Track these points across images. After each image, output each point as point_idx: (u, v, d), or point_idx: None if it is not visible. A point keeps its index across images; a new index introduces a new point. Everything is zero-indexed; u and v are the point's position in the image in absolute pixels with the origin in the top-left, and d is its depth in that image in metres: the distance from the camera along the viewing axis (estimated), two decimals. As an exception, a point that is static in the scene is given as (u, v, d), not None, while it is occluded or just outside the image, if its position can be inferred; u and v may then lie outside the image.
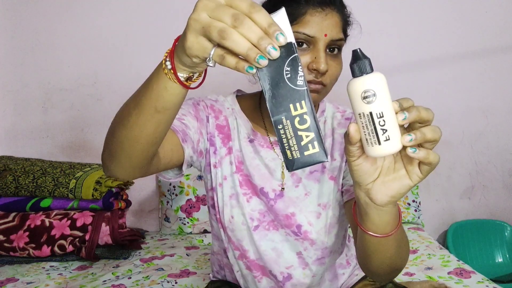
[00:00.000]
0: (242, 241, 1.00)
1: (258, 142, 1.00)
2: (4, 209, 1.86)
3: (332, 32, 0.86)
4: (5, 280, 1.62)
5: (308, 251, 1.00)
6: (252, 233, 0.99)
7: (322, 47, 0.86)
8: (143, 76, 1.89)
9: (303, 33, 0.85)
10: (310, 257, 1.00)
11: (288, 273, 1.01)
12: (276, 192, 0.99)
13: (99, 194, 1.83)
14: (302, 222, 0.98)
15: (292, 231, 0.98)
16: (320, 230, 0.98)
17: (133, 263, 1.76)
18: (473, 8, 2.17)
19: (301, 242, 0.99)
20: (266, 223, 0.99)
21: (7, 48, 2.15)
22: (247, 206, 0.98)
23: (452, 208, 2.31)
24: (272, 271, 1.01)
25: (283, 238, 1.00)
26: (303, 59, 0.86)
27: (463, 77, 2.22)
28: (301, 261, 1.01)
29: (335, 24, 0.87)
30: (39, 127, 2.19)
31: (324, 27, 0.86)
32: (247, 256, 1.01)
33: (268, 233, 0.99)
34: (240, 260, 1.03)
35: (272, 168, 0.99)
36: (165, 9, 2.13)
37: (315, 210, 0.99)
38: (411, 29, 2.18)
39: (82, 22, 2.13)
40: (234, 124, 1.01)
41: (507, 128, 2.26)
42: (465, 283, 1.49)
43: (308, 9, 0.85)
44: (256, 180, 0.98)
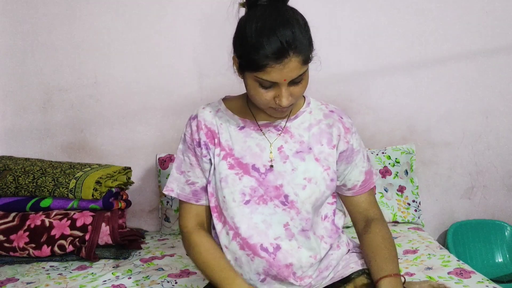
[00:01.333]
0: (235, 218, 1.11)
1: (249, 127, 1.17)
2: (4, 209, 1.86)
3: (291, 75, 0.99)
4: (5, 280, 1.62)
5: (294, 220, 1.11)
6: (244, 207, 1.11)
7: (284, 87, 1.01)
8: (143, 76, 1.93)
9: (265, 80, 1.00)
10: (296, 227, 1.12)
11: (277, 244, 1.11)
12: (266, 167, 1.13)
13: (99, 194, 1.83)
14: (289, 193, 1.11)
15: (280, 201, 1.11)
16: (305, 200, 1.11)
17: (133, 263, 1.76)
18: (473, 8, 2.17)
19: (288, 212, 1.11)
20: (257, 197, 1.11)
21: (7, 48, 2.15)
22: (239, 183, 1.11)
23: (452, 208, 2.31)
24: (263, 244, 1.10)
25: (272, 211, 1.11)
26: (267, 95, 1.03)
27: (463, 78, 2.22)
28: (288, 233, 1.11)
29: (294, 68, 0.98)
30: (39, 127, 2.19)
31: (283, 74, 0.98)
32: (240, 233, 1.11)
33: (258, 207, 1.11)
34: (234, 240, 1.12)
35: (262, 146, 1.15)
36: (165, 10, 2.13)
37: (301, 183, 1.12)
38: (410, 29, 2.18)
39: (82, 23, 2.13)
40: (220, 121, 1.18)
41: (507, 128, 2.26)
42: (465, 283, 1.49)
43: (268, 63, 0.97)
44: (247, 160, 1.13)
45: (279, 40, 0.95)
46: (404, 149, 2.17)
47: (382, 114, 2.22)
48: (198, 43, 2.15)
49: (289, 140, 1.15)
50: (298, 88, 1.04)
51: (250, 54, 0.99)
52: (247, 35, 1.00)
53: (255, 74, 1.00)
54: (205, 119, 1.18)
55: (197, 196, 1.18)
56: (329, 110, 1.21)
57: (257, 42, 0.97)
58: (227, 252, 1.14)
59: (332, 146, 1.16)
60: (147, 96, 2.17)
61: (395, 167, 2.14)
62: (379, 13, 2.17)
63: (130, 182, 2.07)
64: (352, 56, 2.20)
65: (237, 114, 1.19)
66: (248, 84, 1.06)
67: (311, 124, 1.18)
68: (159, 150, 2.20)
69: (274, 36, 0.96)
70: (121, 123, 2.19)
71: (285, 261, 1.11)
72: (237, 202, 1.11)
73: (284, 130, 1.16)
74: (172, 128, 2.19)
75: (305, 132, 1.17)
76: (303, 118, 1.18)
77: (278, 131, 1.16)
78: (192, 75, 2.17)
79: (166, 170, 2.11)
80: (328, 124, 1.18)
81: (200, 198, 1.18)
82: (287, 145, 1.15)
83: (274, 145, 1.15)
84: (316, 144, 1.15)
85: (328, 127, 1.17)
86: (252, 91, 1.05)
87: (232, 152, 1.14)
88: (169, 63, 2.16)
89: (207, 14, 2.11)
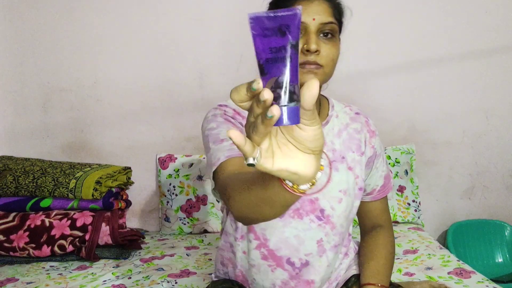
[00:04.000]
0: (266, 230, 1.05)
1: None
2: (4, 209, 1.86)
3: (320, 16, 0.96)
4: (5, 280, 1.62)
5: (328, 236, 1.07)
6: (277, 220, 1.04)
7: (313, 31, 0.96)
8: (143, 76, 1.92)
9: None
10: (329, 242, 1.07)
11: (306, 260, 1.06)
12: None
13: (99, 194, 1.83)
14: (325, 207, 1.06)
15: (316, 216, 1.05)
16: (340, 214, 1.07)
17: (133, 263, 1.76)
18: (473, 8, 2.17)
19: (323, 227, 1.05)
20: (292, 211, 1.04)
21: (7, 48, 2.15)
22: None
23: (452, 208, 2.31)
24: (291, 258, 1.06)
25: (307, 226, 1.05)
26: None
27: (463, 78, 2.21)
28: (320, 249, 1.07)
29: (323, 10, 0.97)
30: (39, 127, 2.19)
31: (311, 12, 0.95)
32: (267, 245, 1.06)
33: (292, 220, 1.05)
34: (257, 249, 1.06)
35: None
36: (165, 10, 2.13)
37: (337, 196, 1.06)
38: (411, 29, 2.18)
39: (82, 23, 2.13)
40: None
41: (507, 128, 2.25)
42: (465, 283, 1.49)
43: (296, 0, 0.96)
44: None
45: None
46: (404, 149, 2.16)
47: (383, 114, 2.22)
48: (198, 43, 2.15)
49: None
50: (328, 46, 0.97)
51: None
52: None
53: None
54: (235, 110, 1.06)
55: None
56: (355, 112, 1.16)
57: None
58: (242, 258, 1.09)
59: (361, 153, 1.12)
60: (147, 96, 2.17)
61: (395, 167, 2.14)
62: (380, 13, 2.17)
63: (130, 182, 2.07)
64: (353, 56, 2.19)
65: None
66: None
67: (340, 129, 1.12)
68: (159, 150, 2.20)
69: None
70: (121, 123, 2.19)
71: (308, 277, 1.07)
72: None
73: None
74: (172, 128, 2.19)
75: (336, 138, 1.10)
76: (333, 123, 1.12)
77: None
78: (192, 75, 2.17)
79: (166, 170, 2.11)
80: (356, 129, 1.13)
81: None
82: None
83: None
84: (348, 152, 1.10)
85: (356, 132, 1.13)
86: None
87: None
88: (169, 63, 2.16)
89: (207, 14, 2.11)
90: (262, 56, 0.51)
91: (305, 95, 0.50)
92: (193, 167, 2.11)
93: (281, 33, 0.51)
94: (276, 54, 0.51)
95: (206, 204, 2.09)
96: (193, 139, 2.20)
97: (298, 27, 0.51)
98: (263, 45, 0.51)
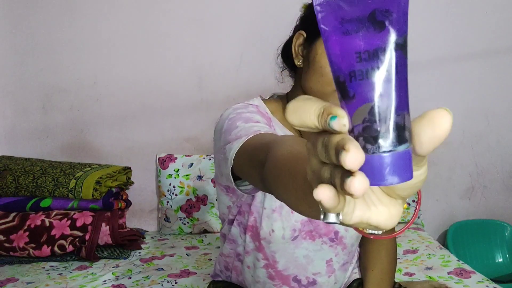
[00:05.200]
0: (276, 253, 1.00)
1: None
2: (4, 209, 1.86)
3: None
4: (5, 280, 1.62)
5: (338, 256, 1.03)
6: (290, 243, 0.99)
7: None
8: (143, 77, 1.93)
9: None
10: (338, 262, 1.04)
11: (313, 279, 1.03)
12: None
13: (99, 194, 1.83)
14: (340, 229, 1.01)
15: (329, 238, 1.01)
16: (353, 235, 1.03)
17: (133, 263, 1.76)
18: (473, 8, 2.17)
19: (334, 248, 1.02)
20: (304, 232, 1.00)
21: (7, 48, 2.15)
22: (292, 217, 0.97)
23: (452, 208, 2.31)
24: (298, 276, 1.02)
25: (318, 247, 1.01)
26: None
27: (463, 78, 2.21)
28: (329, 269, 1.04)
29: None
30: (39, 127, 2.19)
31: None
32: (275, 266, 1.01)
33: (304, 241, 1.00)
34: (264, 269, 1.02)
35: None
36: (165, 10, 2.13)
37: None
38: (411, 29, 2.15)
39: (82, 23, 2.13)
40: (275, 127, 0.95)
41: (507, 129, 2.25)
42: (465, 283, 1.49)
43: None
44: None
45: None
46: (404, 149, 2.16)
47: (382, 114, 2.22)
48: (198, 43, 2.15)
49: None
50: None
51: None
52: None
53: None
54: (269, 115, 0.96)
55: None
56: None
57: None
58: (247, 271, 1.05)
59: None
60: (147, 96, 2.17)
61: (395, 167, 2.13)
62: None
63: (130, 182, 2.07)
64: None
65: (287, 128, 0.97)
66: (319, 53, 0.87)
67: None
68: (159, 150, 2.20)
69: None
70: (121, 123, 2.19)
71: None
72: (286, 239, 0.98)
73: None
74: (172, 128, 2.19)
75: None
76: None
77: None
78: (192, 76, 2.17)
79: (166, 170, 2.11)
80: None
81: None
82: None
83: None
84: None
85: None
86: (322, 62, 0.86)
87: None
88: (169, 63, 2.16)
89: (207, 15, 2.12)
90: (342, 67, 0.31)
91: (427, 133, 0.32)
92: (193, 167, 2.11)
93: (377, 26, 0.31)
94: (369, 62, 0.31)
95: (206, 204, 2.09)
96: (192, 140, 2.20)
97: (406, 13, 0.32)
98: (344, 48, 0.31)
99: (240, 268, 1.07)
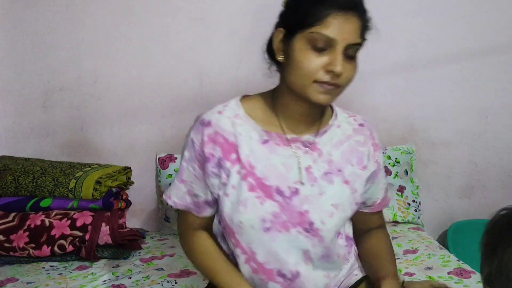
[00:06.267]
0: (251, 244, 1.02)
1: (274, 141, 1.02)
2: (4, 209, 1.86)
3: (351, 36, 0.91)
4: (5, 280, 1.62)
5: (315, 247, 1.02)
6: (263, 234, 1.00)
7: (340, 50, 0.90)
8: (143, 76, 1.93)
9: (323, 34, 0.89)
10: (316, 253, 1.03)
11: (296, 271, 1.03)
12: (291, 189, 1.00)
13: (99, 194, 1.83)
14: (315, 220, 1.00)
15: (303, 228, 1.01)
16: (331, 229, 1.02)
17: (133, 263, 1.76)
18: (473, 8, 2.17)
19: (310, 239, 1.01)
20: (279, 224, 1.00)
21: (7, 48, 2.15)
22: (260, 209, 0.99)
23: (452, 208, 2.31)
24: (281, 271, 1.03)
25: (294, 238, 1.01)
26: (319, 60, 0.91)
27: (462, 77, 2.21)
28: (307, 259, 1.03)
29: (355, 29, 0.92)
30: (39, 126, 2.19)
31: (344, 30, 0.90)
32: (255, 258, 1.02)
33: (279, 234, 1.00)
34: (247, 264, 1.04)
35: (289, 165, 1.01)
36: (165, 9, 2.13)
37: (328, 210, 1.01)
38: (410, 29, 2.18)
39: (82, 22, 2.13)
40: (240, 130, 1.01)
41: (506, 128, 2.25)
42: (465, 283, 1.49)
43: (331, 12, 0.89)
44: (271, 181, 1.00)
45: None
46: (404, 149, 2.17)
47: (382, 114, 2.22)
48: (198, 43, 2.15)
49: (317, 159, 1.03)
50: (351, 66, 0.94)
51: (314, 3, 0.90)
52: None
53: (312, 30, 0.89)
54: (222, 128, 1.01)
55: (199, 208, 1.06)
56: (359, 124, 1.10)
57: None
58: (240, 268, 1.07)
59: (362, 166, 1.06)
60: (147, 95, 2.17)
61: (395, 167, 2.14)
62: (379, 12, 2.16)
63: (130, 182, 2.07)
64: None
65: (260, 123, 1.03)
66: (296, 50, 0.92)
67: (340, 140, 1.06)
68: (159, 150, 2.20)
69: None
70: (121, 123, 2.19)
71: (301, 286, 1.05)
72: (256, 229, 0.99)
73: (312, 146, 1.04)
74: (172, 127, 2.19)
75: (334, 149, 1.05)
76: (332, 133, 1.06)
77: (306, 147, 1.03)
78: (192, 75, 2.17)
79: (166, 170, 2.11)
80: (359, 142, 1.07)
81: (202, 211, 1.06)
82: (316, 164, 1.03)
83: (302, 164, 1.02)
84: (346, 165, 1.04)
85: (359, 145, 1.07)
86: (299, 56, 0.92)
87: (254, 171, 1.00)
88: (169, 62, 2.16)
89: (207, 14, 2.11)
90: None
91: None
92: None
93: None
94: None
95: (206, 204, 2.08)
96: (193, 139, 2.19)
97: None
98: None
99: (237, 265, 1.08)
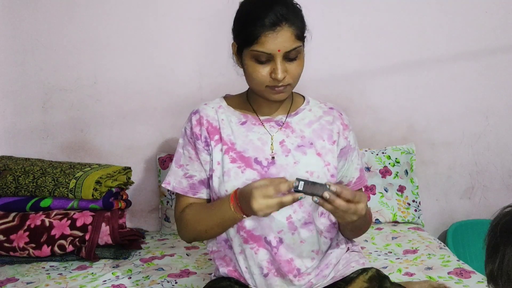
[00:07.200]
0: None
1: (250, 122, 1.20)
2: (4, 209, 1.86)
3: (285, 46, 1.04)
4: (5, 280, 1.63)
5: (297, 213, 1.14)
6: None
7: (279, 60, 1.05)
8: (143, 76, 1.93)
9: (261, 51, 1.05)
10: (299, 220, 1.14)
11: (280, 238, 1.13)
12: (268, 160, 1.15)
13: (99, 194, 1.83)
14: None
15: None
16: None
17: (133, 263, 1.76)
18: (473, 8, 2.17)
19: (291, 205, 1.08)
20: None
21: (7, 48, 2.15)
22: (242, 176, 1.13)
23: (452, 208, 2.31)
24: (267, 238, 1.13)
25: None
26: (264, 71, 1.07)
27: (463, 77, 2.22)
28: (291, 226, 1.13)
29: (288, 38, 1.04)
30: (39, 127, 2.19)
31: (277, 44, 1.03)
32: (244, 226, 1.13)
33: None
34: (238, 233, 1.15)
35: (264, 140, 1.17)
36: (165, 10, 2.13)
37: (304, 176, 1.12)
38: (410, 29, 2.18)
39: (82, 23, 2.13)
40: (222, 116, 1.20)
41: (507, 128, 2.25)
42: (465, 283, 1.49)
43: (262, 31, 1.03)
44: (250, 153, 1.15)
45: (274, 12, 1.03)
46: (404, 149, 2.16)
47: (382, 114, 2.22)
48: (198, 43, 2.15)
49: (290, 135, 1.18)
50: (294, 66, 1.07)
51: (247, 27, 1.05)
52: (244, 11, 1.10)
53: (252, 48, 1.05)
54: (207, 114, 1.20)
55: (194, 189, 1.20)
56: (329, 107, 1.25)
57: (253, 13, 1.05)
58: (232, 243, 1.17)
59: (332, 142, 1.19)
60: (147, 96, 2.17)
61: (395, 167, 2.14)
62: (379, 12, 2.16)
63: (130, 182, 2.07)
64: (352, 56, 2.19)
65: (238, 110, 1.22)
66: (246, 64, 1.10)
67: (311, 120, 1.21)
68: (159, 150, 2.20)
69: (269, 8, 1.04)
70: (121, 123, 2.19)
71: (286, 257, 1.14)
72: None
73: (285, 125, 1.19)
74: (172, 128, 2.19)
75: (306, 128, 1.19)
76: (303, 115, 1.21)
77: (279, 126, 1.19)
78: (192, 75, 2.17)
79: (166, 170, 2.11)
80: (328, 121, 1.21)
81: (197, 191, 1.20)
82: (289, 139, 1.18)
83: (276, 139, 1.17)
84: (318, 139, 1.18)
85: (329, 124, 1.21)
86: (249, 69, 1.09)
87: (234, 146, 1.16)
88: (169, 63, 2.16)
89: (207, 14, 2.11)
90: None
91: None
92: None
93: None
94: None
95: (206, 204, 2.08)
96: (193, 139, 2.19)
97: None
98: None
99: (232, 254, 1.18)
